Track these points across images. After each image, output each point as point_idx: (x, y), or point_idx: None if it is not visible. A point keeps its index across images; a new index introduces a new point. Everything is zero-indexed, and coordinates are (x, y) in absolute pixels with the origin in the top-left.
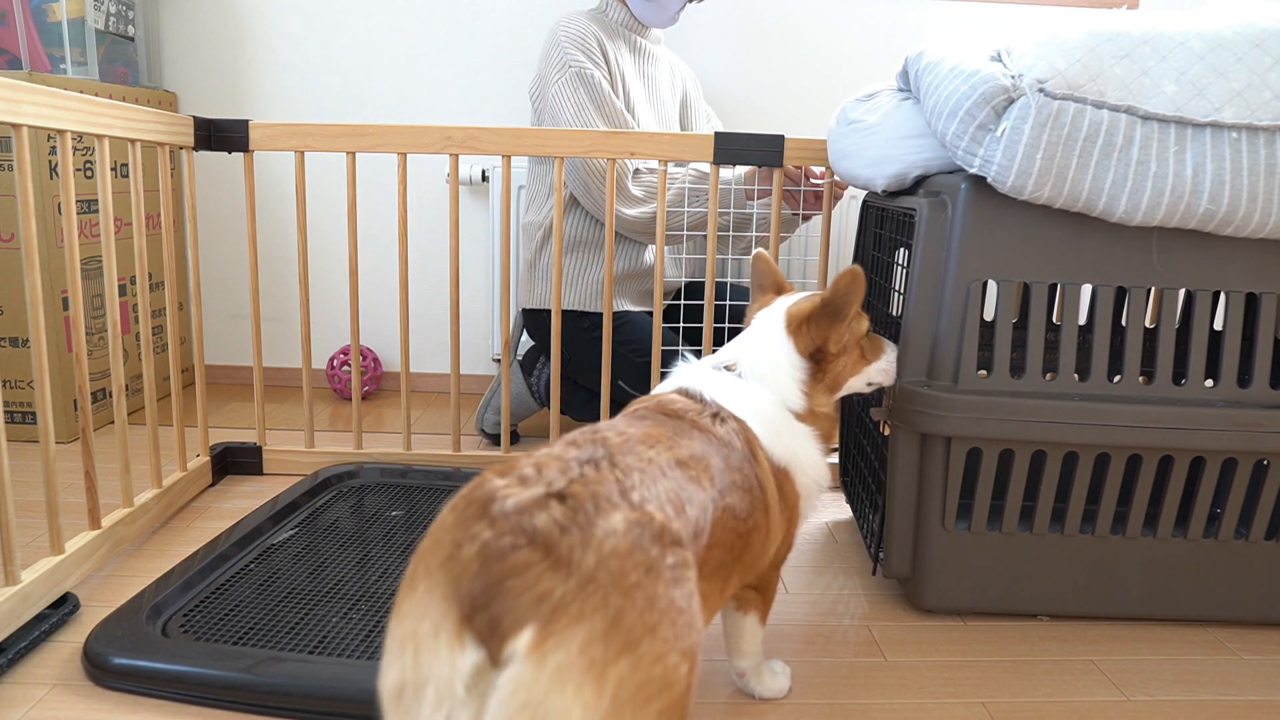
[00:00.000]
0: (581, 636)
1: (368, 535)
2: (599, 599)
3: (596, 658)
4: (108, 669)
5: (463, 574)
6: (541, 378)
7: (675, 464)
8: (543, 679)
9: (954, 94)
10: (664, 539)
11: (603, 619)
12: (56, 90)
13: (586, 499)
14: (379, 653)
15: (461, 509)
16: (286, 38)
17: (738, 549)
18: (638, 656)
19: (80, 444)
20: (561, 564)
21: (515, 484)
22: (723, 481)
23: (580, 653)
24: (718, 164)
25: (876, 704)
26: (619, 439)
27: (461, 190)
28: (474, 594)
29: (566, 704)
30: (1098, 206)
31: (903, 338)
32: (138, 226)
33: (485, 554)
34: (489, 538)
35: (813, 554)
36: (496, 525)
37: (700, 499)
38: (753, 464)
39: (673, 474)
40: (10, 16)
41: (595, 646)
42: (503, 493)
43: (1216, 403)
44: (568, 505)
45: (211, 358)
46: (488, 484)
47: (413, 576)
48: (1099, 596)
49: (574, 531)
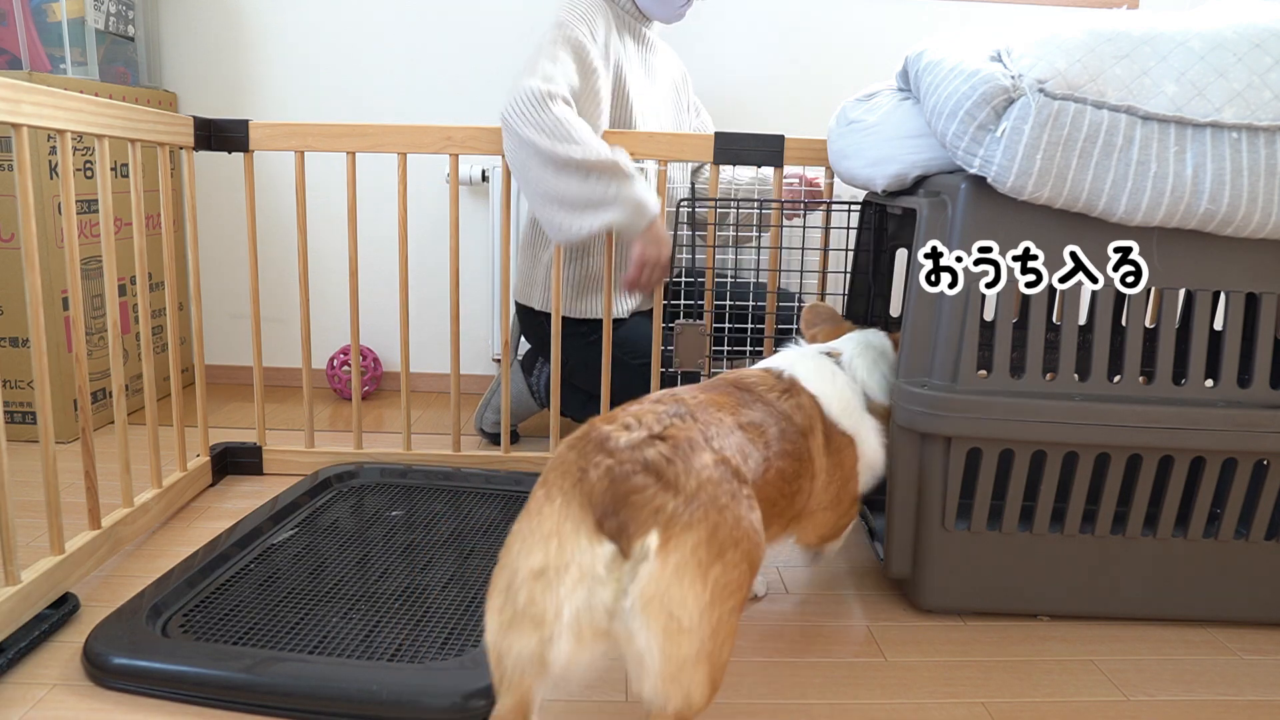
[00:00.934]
0: (691, 542)
1: (368, 535)
2: (702, 513)
3: (702, 559)
4: (108, 669)
5: (593, 490)
6: (541, 378)
7: (738, 427)
8: (667, 572)
9: (954, 94)
10: (739, 477)
11: (705, 528)
12: (56, 90)
13: (682, 440)
14: (379, 653)
15: (580, 446)
16: (287, 38)
17: (782, 504)
18: (726, 562)
19: (80, 444)
20: (670, 486)
21: (621, 429)
22: (775, 447)
23: (691, 554)
24: (717, 164)
25: (876, 704)
26: (694, 400)
27: (461, 190)
28: (604, 505)
29: (683, 592)
30: (1098, 207)
31: (903, 338)
32: (138, 226)
33: (610, 476)
34: (611, 464)
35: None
36: (615, 455)
37: (756, 457)
38: (807, 438)
39: (737, 433)
40: (10, 16)
41: (700, 550)
42: (614, 434)
43: (1216, 403)
44: (668, 444)
45: (211, 358)
46: (598, 429)
47: (548, 493)
48: (1099, 596)
49: (677, 463)
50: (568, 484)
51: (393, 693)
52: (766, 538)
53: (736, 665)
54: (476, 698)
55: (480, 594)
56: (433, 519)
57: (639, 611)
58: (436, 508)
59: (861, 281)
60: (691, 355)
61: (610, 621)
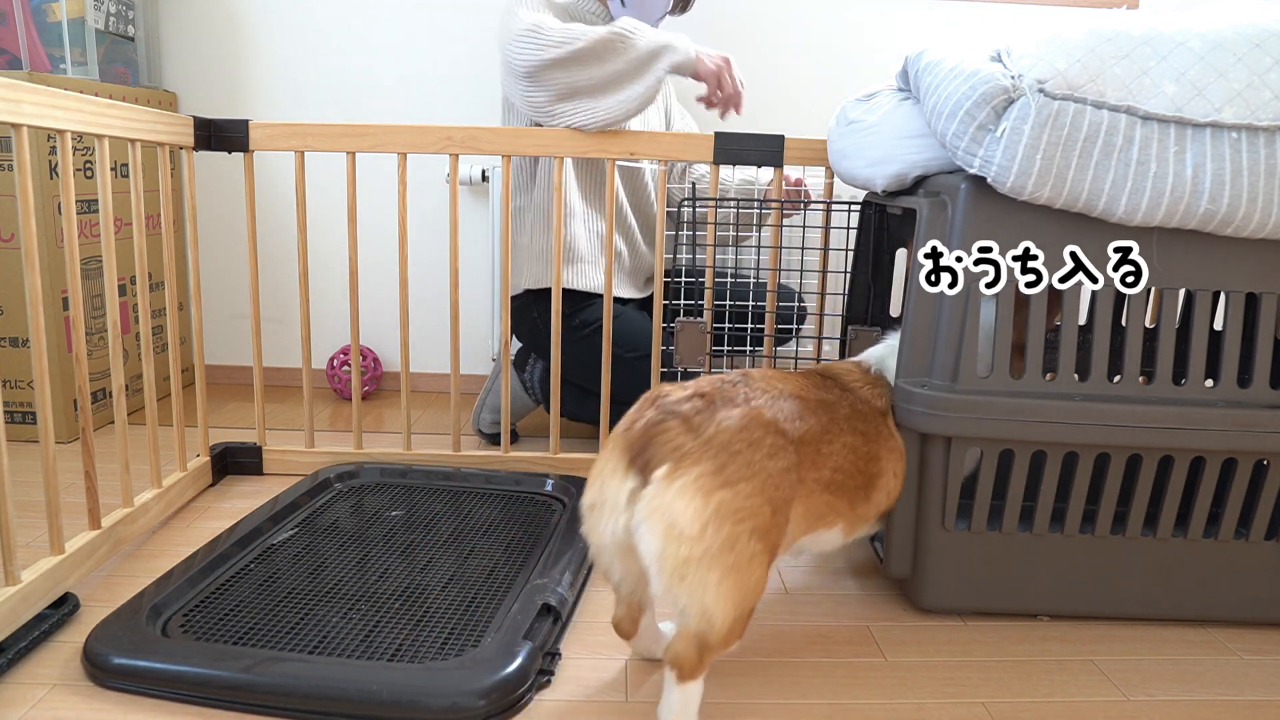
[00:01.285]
0: (697, 471)
1: (368, 535)
2: (712, 452)
3: (705, 485)
4: (108, 669)
5: (633, 436)
6: (534, 374)
7: (793, 396)
8: (669, 492)
9: (954, 94)
10: (769, 427)
11: (712, 464)
12: (56, 90)
13: (718, 398)
14: (379, 653)
15: (640, 404)
16: (286, 38)
17: (859, 481)
18: (735, 490)
19: (80, 444)
20: (691, 429)
21: (677, 389)
22: (844, 424)
23: (694, 480)
24: (718, 164)
25: (876, 704)
26: (760, 375)
27: (461, 190)
28: (636, 446)
29: (682, 506)
30: (1098, 207)
31: (903, 338)
32: (138, 226)
33: (647, 425)
34: (652, 415)
35: (813, 554)
36: (658, 408)
37: (812, 421)
38: (885, 418)
39: (791, 401)
40: (10, 16)
41: (705, 478)
42: (668, 393)
43: (1216, 403)
44: (704, 400)
45: (211, 358)
46: (661, 390)
47: (608, 440)
48: (1099, 596)
49: (705, 413)
50: (619, 431)
51: (393, 693)
52: (855, 511)
53: (736, 665)
54: (476, 697)
55: (480, 594)
56: (433, 519)
57: (642, 522)
58: (436, 508)
59: (862, 281)
60: (692, 353)
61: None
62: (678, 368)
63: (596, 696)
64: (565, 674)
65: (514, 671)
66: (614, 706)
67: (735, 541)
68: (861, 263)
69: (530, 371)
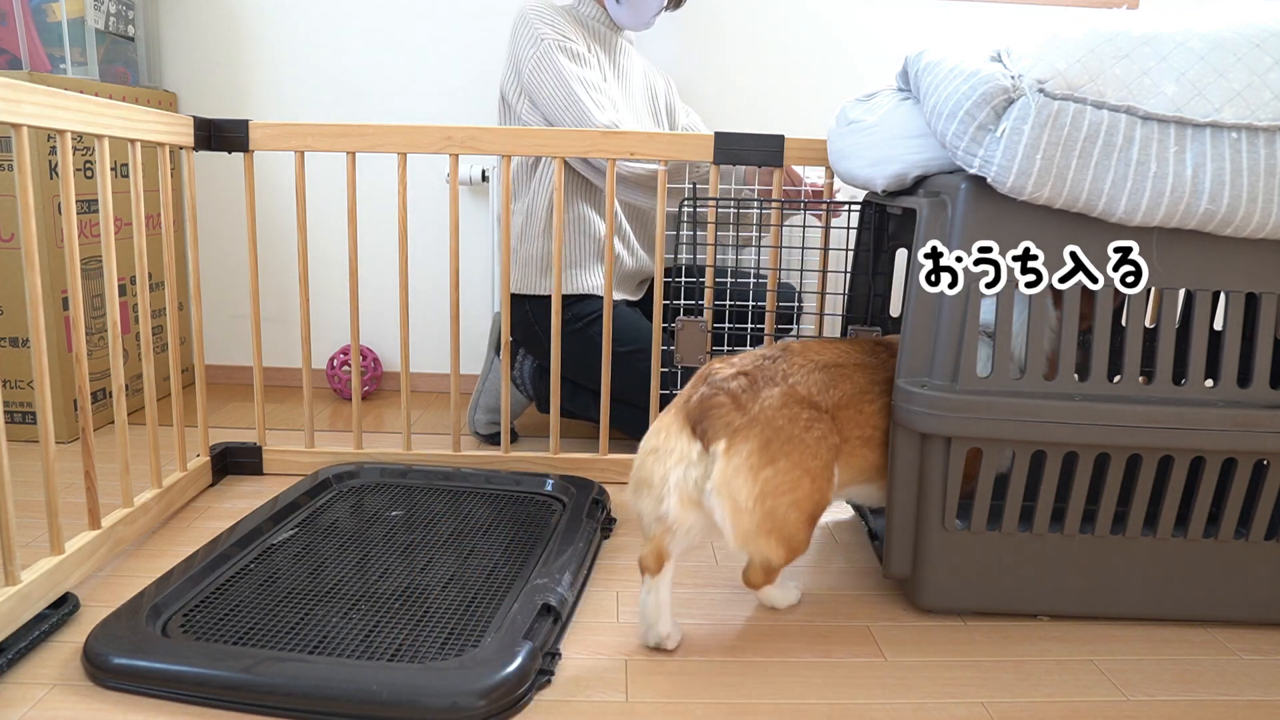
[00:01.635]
0: (746, 449)
1: (368, 535)
2: (757, 430)
3: (754, 463)
4: (108, 669)
5: (691, 408)
6: (524, 369)
7: (828, 366)
8: (729, 469)
9: (954, 94)
10: (804, 403)
11: (758, 441)
12: (56, 90)
13: (759, 377)
14: (379, 653)
15: (694, 380)
16: (286, 38)
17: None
18: (776, 467)
19: (80, 444)
20: (740, 407)
21: (725, 367)
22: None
23: (745, 459)
24: (718, 164)
25: (876, 704)
26: (800, 347)
27: (461, 190)
28: (695, 417)
29: (739, 483)
30: (1098, 207)
31: (903, 337)
32: (138, 226)
33: (702, 398)
34: (705, 391)
35: (813, 554)
36: (710, 384)
37: (847, 387)
38: None
39: (823, 372)
40: (10, 16)
41: (753, 456)
42: (717, 370)
43: (1216, 403)
44: (748, 378)
45: (211, 358)
46: (710, 366)
47: (667, 410)
48: (1099, 596)
49: (750, 391)
50: (679, 402)
51: (393, 693)
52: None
53: (736, 665)
54: (476, 697)
55: (480, 594)
56: (433, 519)
57: (715, 493)
58: (436, 508)
59: (862, 281)
60: (692, 351)
61: (699, 495)
62: (678, 366)
63: (596, 696)
64: (565, 674)
65: (514, 671)
66: (614, 706)
67: (778, 513)
68: (861, 263)
69: (520, 367)
